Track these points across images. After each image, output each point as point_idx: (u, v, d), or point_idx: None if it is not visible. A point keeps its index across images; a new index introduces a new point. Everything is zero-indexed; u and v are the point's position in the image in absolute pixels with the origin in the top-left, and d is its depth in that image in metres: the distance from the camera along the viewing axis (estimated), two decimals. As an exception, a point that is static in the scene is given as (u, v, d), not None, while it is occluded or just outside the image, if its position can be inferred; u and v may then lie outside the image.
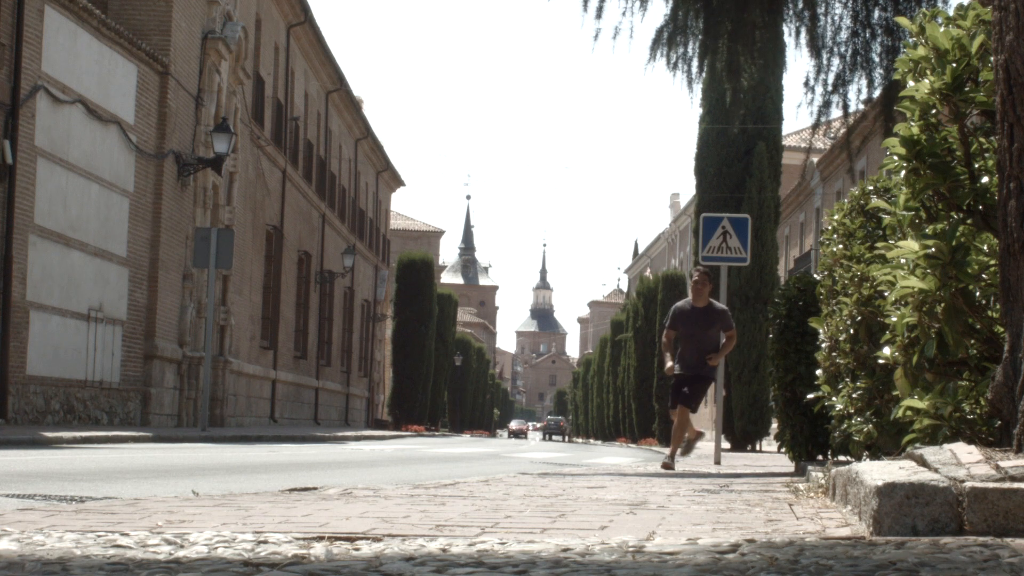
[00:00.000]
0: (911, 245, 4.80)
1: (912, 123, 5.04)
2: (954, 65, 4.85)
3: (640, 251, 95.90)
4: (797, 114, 53.10)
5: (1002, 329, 4.37)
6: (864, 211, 7.45)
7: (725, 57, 11.86)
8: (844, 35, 11.74)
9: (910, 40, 5.17)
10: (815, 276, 10.34)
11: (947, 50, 4.90)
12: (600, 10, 11.84)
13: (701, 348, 12.28)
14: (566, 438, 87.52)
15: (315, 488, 5.98)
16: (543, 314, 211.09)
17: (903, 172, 5.05)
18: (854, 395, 6.91)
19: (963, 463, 3.65)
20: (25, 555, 2.87)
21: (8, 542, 3.13)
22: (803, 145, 42.90)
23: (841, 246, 7.52)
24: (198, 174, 27.20)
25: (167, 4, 25.53)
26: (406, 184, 64.09)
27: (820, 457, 10.58)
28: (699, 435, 12.77)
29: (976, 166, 4.90)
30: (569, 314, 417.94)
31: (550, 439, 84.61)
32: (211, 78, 28.25)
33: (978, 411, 4.58)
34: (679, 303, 12.76)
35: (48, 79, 20.43)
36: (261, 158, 34.65)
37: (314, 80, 42.90)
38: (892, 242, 5.23)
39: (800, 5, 11.87)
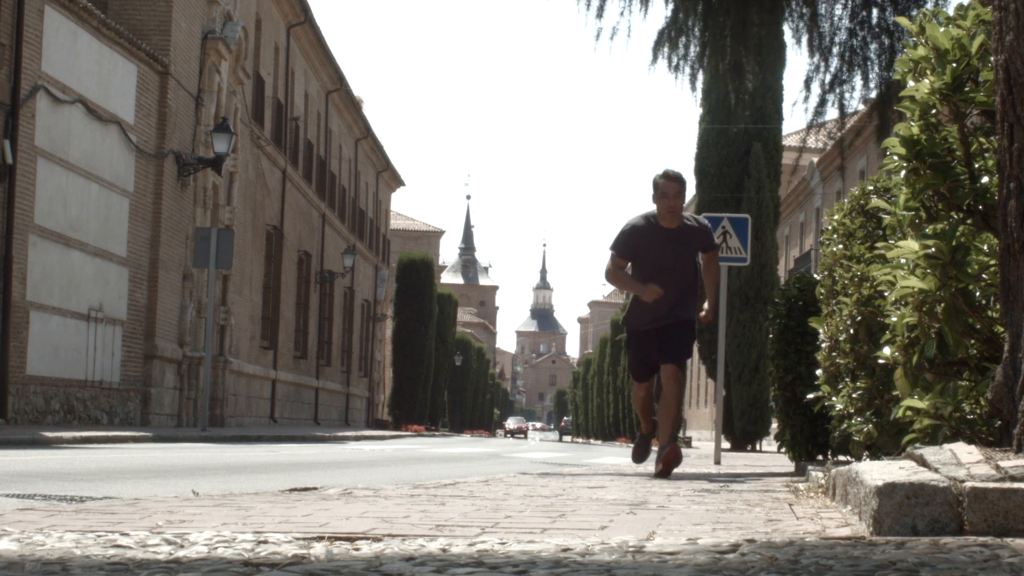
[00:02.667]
0: (911, 245, 4.80)
1: (912, 123, 5.04)
2: (954, 65, 4.85)
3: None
4: (792, 112, 52.83)
5: (1002, 329, 4.37)
6: (864, 211, 7.45)
7: (729, 58, 11.84)
8: (843, 35, 11.75)
9: (910, 40, 5.17)
10: (815, 276, 10.34)
11: (947, 50, 4.90)
12: (601, 9, 11.86)
13: (672, 287, 8.64)
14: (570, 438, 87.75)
15: (315, 488, 5.98)
16: (543, 314, 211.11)
17: (903, 172, 5.05)
18: (854, 395, 6.91)
19: (963, 463, 3.65)
20: (25, 555, 2.87)
21: (8, 542, 3.13)
22: (800, 145, 42.87)
23: (841, 246, 7.52)
24: (198, 174, 27.20)
25: (167, 4, 25.53)
26: (406, 184, 64.13)
27: (820, 457, 10.58)
28: (673, 441, 8.62)
29: (976, 166, 4.90)
30: (569, 314, 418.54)
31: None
32: (211, 78, 28.25)
33: (978, 411, 4.58)
34: (634, 219, 8.85)
35: (48, 79, 20.43)
36: (261, 158, 34.65)
37: (314, 80, 42.90)
38: (892, 242, 5.23)
39: (801, 6, 11.88)
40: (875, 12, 11.66)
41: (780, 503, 5.16)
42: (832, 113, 12.16)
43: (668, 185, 8.69)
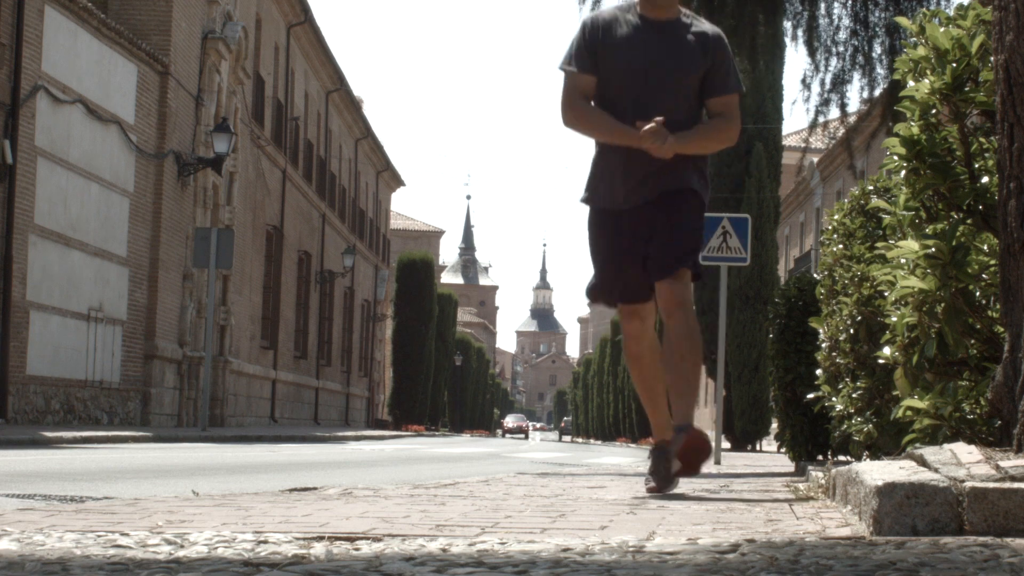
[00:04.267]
0: (911, 245, 4.79)
1: (912, 123, 5.04)
2: (954, 65, 4.85)
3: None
4: (792, 111, 52.89)
5: (1002, 329, 4.37)
6: (864, 211, 7.45)
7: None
8: (843, 35, 11.75)
9: (910, 40, 5.17)
10: (815, 276, 10.34)
11: (947, 50, 4.90)
12: (597, 5, 11.85)
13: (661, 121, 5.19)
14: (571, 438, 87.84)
15: (315, 488, 5.98)
16: (543, 314, 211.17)
17: (903, 172, 5.05)
18: (854, 395, 6.91)
19: (963, 463, 3.65)
20: (25, 555, 2.87)
21: (8, 542, 3.13)
22: (804, 145, 42.96)
23: (841, 246, 7.52)
24: (198, 174, 27.21)
25: (167, 4, 25.54)
26: (406, 184, 64.14)
27: (820, 457, 10.57)
28: (701, 448, 5.32)
29: (976, 166, 4.90)
30: (569, 314, 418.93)
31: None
32: (211, 78, 28.26)
33: (978, 411, 4.58)
34: (601, 11, 5.55)
35: (48, 79, 20.43)
36: (261, 158, 34.65)
37: (314, 80, 42.89)
38: (892, 242, 5.23)
39: (799, 5, 11.88)
40: (876, 12, 11.66)
41: (780, 503, 5.16)
42: (835, 113, 12.17)
43: None
